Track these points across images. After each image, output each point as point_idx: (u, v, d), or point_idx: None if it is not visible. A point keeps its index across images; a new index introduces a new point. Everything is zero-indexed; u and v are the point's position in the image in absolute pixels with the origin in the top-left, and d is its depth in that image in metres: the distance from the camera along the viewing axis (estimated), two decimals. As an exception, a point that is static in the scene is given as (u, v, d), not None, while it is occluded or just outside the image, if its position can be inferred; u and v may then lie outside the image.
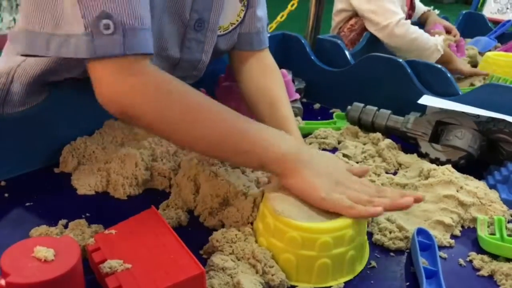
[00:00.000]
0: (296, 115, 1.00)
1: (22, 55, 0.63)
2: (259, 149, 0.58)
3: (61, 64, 0.68)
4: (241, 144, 0.58)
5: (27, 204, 0.64)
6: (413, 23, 1.58)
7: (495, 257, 0.61)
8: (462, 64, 1.49)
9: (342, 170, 0.62)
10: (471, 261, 0.61)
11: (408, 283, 0.56)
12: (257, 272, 0.52)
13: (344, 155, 0.85)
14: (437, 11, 1.86)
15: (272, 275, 0.52)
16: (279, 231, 0.54)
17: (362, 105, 0.97)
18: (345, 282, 0.55)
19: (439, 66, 1.01)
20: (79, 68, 0.69)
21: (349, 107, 0.99)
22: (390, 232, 0.63)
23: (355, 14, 1.62)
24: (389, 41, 1.50)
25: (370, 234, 0.64)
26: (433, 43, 1.47)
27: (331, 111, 1.11)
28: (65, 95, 0.74)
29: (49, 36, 0.55)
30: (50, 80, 0.72)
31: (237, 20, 0.81)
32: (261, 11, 0.84)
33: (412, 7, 1.80)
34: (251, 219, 0.60)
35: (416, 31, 1.48)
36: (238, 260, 0.54)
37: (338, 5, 1.69)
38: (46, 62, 0.69)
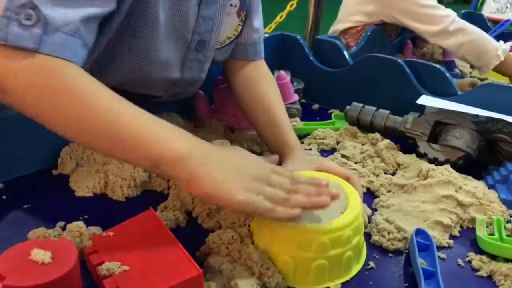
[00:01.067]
0: (294, 115, 1.00)
1: None
2: (150, 145, 0.50)
3: None
4: (124, 137, 0.50)
5: (25, 206, 0.64)
6: None
7: (494, 257, 0.61)
8: None
9: (254, 162, 0.56)
10: (470, 261, 0.61)
11: (406, 284, 0.56)
12: (253, 274, 0.52)
13: (343, 156, 0.85)
14: None
15: (269, 277, 0.51)
16: (275, 233, 0.54)
17: (361, 105, 0.97)
18: (342, 283, 0.55)
19: (438, 66, 1.01)
20: None
21: (347, 107, 0.99)
22: (389, 233, 0.63)
23: (370, 23, 1.58)
24: (446, 43, 1.42)
25: (368, 235, 0.64)
26: (494, 46, 1.39)
27: (329, 111, 1.12)
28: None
29: None
30: None
31: (234, 34, 0.81)
32: (258, 22, 0.85)
33: None
34: (247, 221, 0.60)
35: (475, 31, 1.40)
36: (235, 261, 0.53)
37: (355, 17, 1.58)
38: None
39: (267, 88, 0.83)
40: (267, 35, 0.89)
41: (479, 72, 1.43)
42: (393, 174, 0.82)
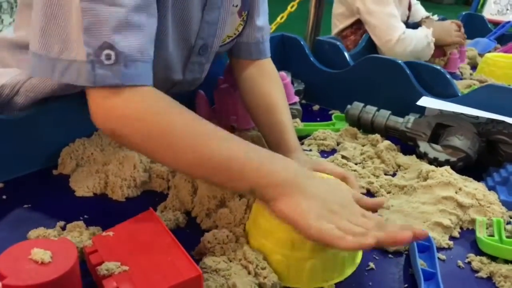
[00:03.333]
0: (295, 116, 1.00)
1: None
2: (249, 175, 0.53)
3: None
4: (227, 171, 0.53)
5: (25, 206, 0.64)
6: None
7: (494, 258, 0.61)
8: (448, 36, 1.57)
9: (343, 198, 0.56)
10: (469, 262, 0.61)
11: (406, 285, 0.56)
12: (249, 273, 0.51)
13: (343, 157, 0.84)
14: (436, 17, 1.85)
15: (264, 277, 0.51)
16: (269, 232, 0.54)
17: (362, 104, 0.97)
18: (336, 284, 0.55)
19: (438, 67, 1.01)
20: None
21: (348, 106, 0.99)
22: (389, 234, 0.63)
23: (357, 18, 1.61)
24: (388, 54, 1.48)
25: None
26: (426, 42, 1.49)
27: (330, 112, 1.12)
28: (64, 97, 0.74)
29: (54, 61, 0.55)
30: (58, 95, 0.73)
31: (235, 33, 0.81)
32: (262, 21, 0.84)
33: (410, 7, 1.80)
34: (244, 221, 0.60)
35: (411, 41, 1.48)
36: (230, 261, 0.53)
37: (338, 9, 1.68)
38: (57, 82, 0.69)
39: (270, 87, 0.83)
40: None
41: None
42: (393, 175, 0.82)
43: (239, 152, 0.54)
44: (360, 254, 0.59)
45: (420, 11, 1.89)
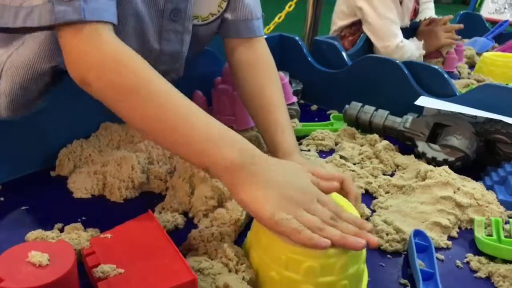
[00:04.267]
0: (293, 116, 1.00)
1: None
2: (203, 148, 0.52)
3: (47, 49, 0.70)
4: (184, 136, 0.53)
5: (23, 207, 0.64)
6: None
7: (492, 258, 0.61)
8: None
9: (302, 184, 0.54)
10: (468, 262, 0.61)
11: (405, 285, 0.56)
12: (230, 271, 0.51)
13: (341, 157, 0.84)
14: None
15: (243, 271, 0.51)
16: (268, 248, 0.50)
17: (360, 104, 0.97)
18: None
19: (436, 67, 1.01)
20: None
21: (347, 106, 0.99)
22: (387, 234, 0.63)
23: (357, 19, 1.61)
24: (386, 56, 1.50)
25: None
26: (418, 53, 1.52)
27: (328, 112, 1.12)
28: (61, 98, 0.74)
29: (17, 8, 0.58)
30: (42, 68, 0.71)
31: (218, 11, 0.79)
32: None
33: (415, 14, 1.79)
34: (239, 223, 0.60)
35: (408, 50, 1.50)
36: (212, 259, 0.53)
37: (340, 6, 1.67)
38: (33, 48, 0.69)
39: (264, 79, 0.78)
40: (265, 36, 0.88)
41: None
42: (392, 175, 0.82)
43: (199, 119, 0.54)
44: (366, 279, 0.55)
45: (428, 11, 1.88)
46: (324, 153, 0.90)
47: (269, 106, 0.76)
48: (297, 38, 1.18)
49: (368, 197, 0.75)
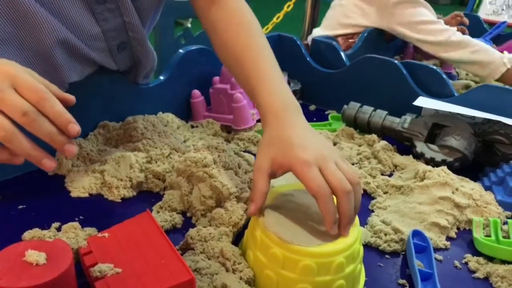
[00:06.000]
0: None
1: None
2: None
3: None
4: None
5: (20, 207, 0.64)
6: None
7: (490, 259, 0.61)
8: None
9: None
10: (466, 263, 0.61)
11: (403, 286, 0.56)
12: (227, 271, 0.51)
13: (340, 157, 0.84)
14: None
15: (240, 271, 0.51)
16: (264, 246, 0.50)
17: (358, 104, 0.97)
18: None
19: (435, 67, 1.01)
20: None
21: (345, 106, 0.99)
22: (386, 235, 0.63)
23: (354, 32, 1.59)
24: (449, 55, 1.43)
25: (365, 236, 0.64)
26: (499, 55, 1.38)
27: (326, 112, 1.12)
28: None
29: None
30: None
31: None
32: None
33: None
34: (238, 226, 0.59)
35: (478, 43, 1.41)
36: (209, 259, 0.53)
37: (349, 20, 1.58)
38: None
39: (237, 30, 0.70)
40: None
41: (482, 81, 1.43)
42: (390, 175, 0.82)
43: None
44: (362, 281, 0.55)
45: None
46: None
47: (243, 57, 0.67)
48: (295, 38, 1.18)
49: (366, 197, 0.75)
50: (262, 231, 0.51)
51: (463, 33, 1.50)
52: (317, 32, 1.60)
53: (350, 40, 1.56)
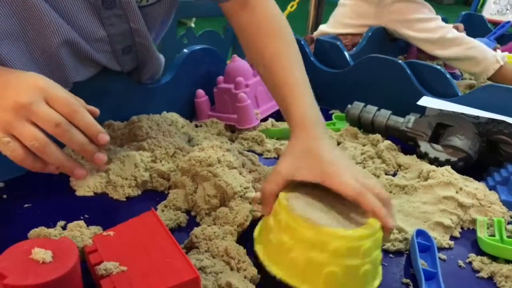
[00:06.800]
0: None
1: None
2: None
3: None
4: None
5: (26, 205, 0.64)
6: None
7: (494, 258, 0.61)
8: None
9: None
10: (470, 262, 0.61)
11: (407, 285, 0.56)
12: (231, 269, 0.51)
13: (344, 156, 0.84)
14: None
15: (245, 270, 0.51)
16: (291, 228, 0.50)
17: (362, 104, 0.97)
18: None
19: (438, 67, 1.01)
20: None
21: (349, 105, 0.99)
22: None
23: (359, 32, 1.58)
24: (444, 53, 1.42)
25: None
26: (492, 53, 1.38)
27: (330, 112, 1.11)
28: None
29: None
30: None
31: None
32: None
33: None
34: (244, 226, 0.59)
35: (472, 40, 1.41)
36: (213, 258, 0.53)
37: (352, 20, 1.59)
38: None
39: (267, 36, 0.71)
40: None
41: (476, 79, 1.43)
42: (394, 175, 0.82)
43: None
44: (380, 270, 0.54)
45: None
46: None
47: (272, 65, 0.68)
48: (299, 38, 1.18)
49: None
50: (288, 214, 0.50)
51: (459, 30, 1.50)
52: (323, 28, 1.60)
53: (356, 40, 1.56)
